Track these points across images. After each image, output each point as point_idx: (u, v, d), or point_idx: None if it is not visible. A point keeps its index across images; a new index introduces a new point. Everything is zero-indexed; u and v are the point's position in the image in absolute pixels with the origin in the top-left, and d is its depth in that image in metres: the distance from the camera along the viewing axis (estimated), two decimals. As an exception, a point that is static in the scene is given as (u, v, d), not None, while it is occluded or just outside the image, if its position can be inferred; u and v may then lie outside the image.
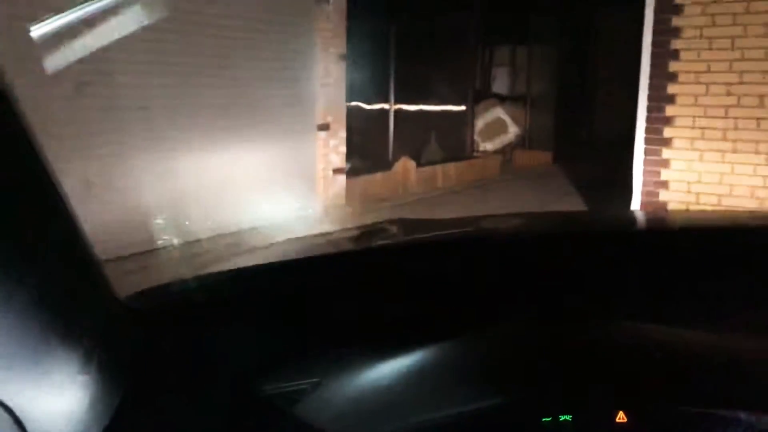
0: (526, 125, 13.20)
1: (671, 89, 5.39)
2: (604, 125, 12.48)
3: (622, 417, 0.79)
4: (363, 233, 1.38)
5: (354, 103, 8.35)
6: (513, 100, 13.40)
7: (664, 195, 5.48)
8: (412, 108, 10.17)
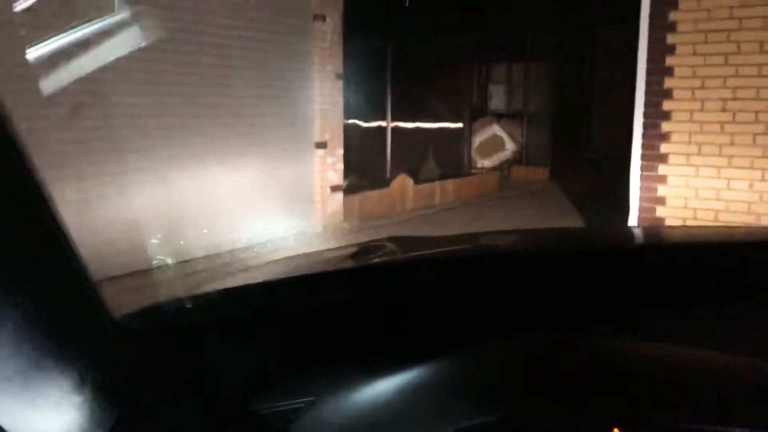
0: (523, 141, 13.26)
1: (667, 105, 5.41)
2: (600, 141, 12.55)
3: None
4: (360, 251, 1.38)
5: (351, 121, 8.39)
6: (510, 116, 13.48)
7: (661, 211, 5.48)
8: (409, 125, 10.22)
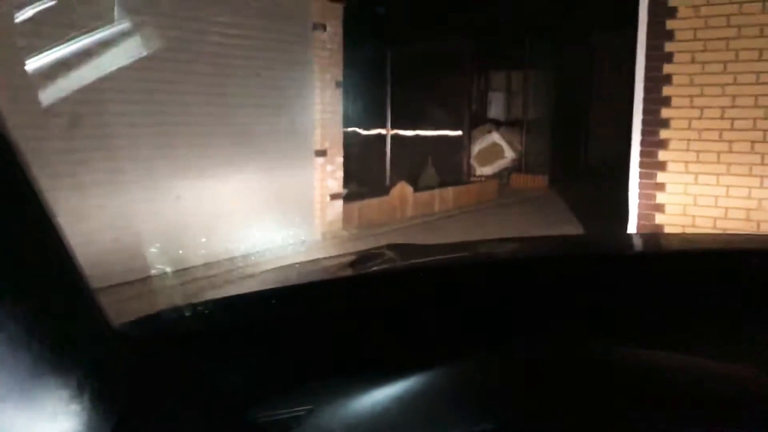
0: (522, 149, 13.27)
1: (665, 113, 5.42)
2: (600, 149, 12.56)
3: None
4: (359, 259, 1.38)
5: (351, 129, 8.40)
6: (509, 124, 13.50)
7: (659, 218, 5.49)
8: (408, 133, 10.24)
